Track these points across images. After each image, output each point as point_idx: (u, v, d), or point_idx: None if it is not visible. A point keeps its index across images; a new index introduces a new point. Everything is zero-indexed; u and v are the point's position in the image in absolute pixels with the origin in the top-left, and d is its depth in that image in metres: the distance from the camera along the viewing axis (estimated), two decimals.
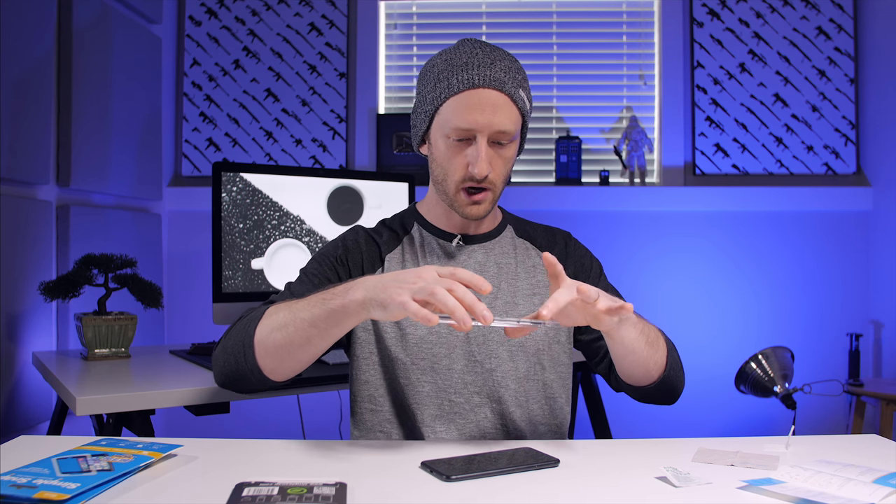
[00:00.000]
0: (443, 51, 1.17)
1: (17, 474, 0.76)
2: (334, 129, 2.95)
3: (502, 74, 1.11)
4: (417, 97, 1.19)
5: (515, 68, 1.14)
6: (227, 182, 1.84)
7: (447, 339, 1.15)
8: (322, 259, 1.21)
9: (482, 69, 1.10)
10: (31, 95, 2.05)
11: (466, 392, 1.14)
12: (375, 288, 0.90)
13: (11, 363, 1.95)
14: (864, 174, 2.88)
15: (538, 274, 1.24)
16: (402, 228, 1.26)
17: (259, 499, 0.72)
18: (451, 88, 1.11)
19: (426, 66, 1.17)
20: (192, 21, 2.96)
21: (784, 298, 2.84)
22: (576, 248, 1.30)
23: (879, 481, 0.80)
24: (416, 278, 0.88)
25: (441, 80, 1.12)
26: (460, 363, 1.15)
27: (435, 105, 1.13)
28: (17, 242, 1.97)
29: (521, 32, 3.00)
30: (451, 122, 1.11)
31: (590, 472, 0.88)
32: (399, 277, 0.90)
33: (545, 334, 1.20)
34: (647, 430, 2.78)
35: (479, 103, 1.10)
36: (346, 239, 1.24)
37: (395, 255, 1.22)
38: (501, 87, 1.10)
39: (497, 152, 1.13)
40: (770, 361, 2.50)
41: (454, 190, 1.15)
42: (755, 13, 2.91)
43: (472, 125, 1.10)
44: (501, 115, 1.10)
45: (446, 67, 1.12)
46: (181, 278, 2.87)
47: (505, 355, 1.17)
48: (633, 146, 2.88)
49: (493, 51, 1.14)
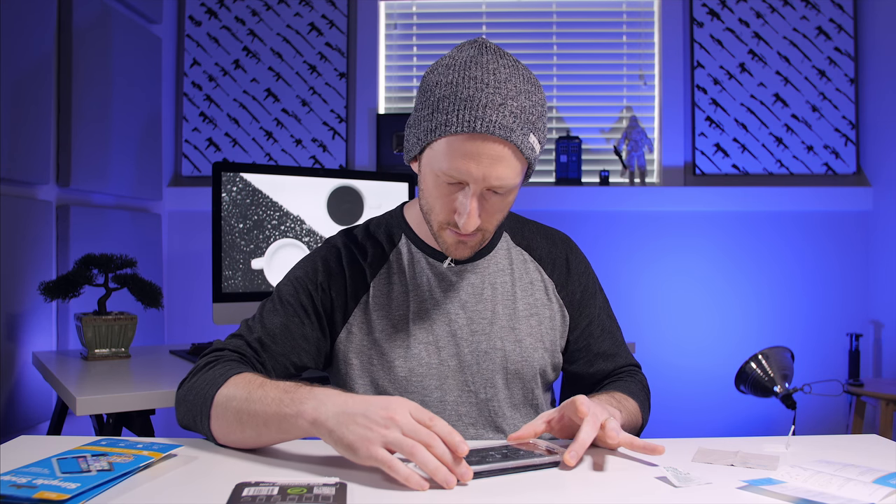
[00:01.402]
0: (451, 61, 0.98)
1: (17, 474, 0.76)
2: (334, 129, 2.95)
3: (511, 119, 0.94)
4: (414, 112, 1.03)
5: (530, 105, 0.97)
6: (227, 182, 1.84)
7: (438, 370, 1.10)
8: (299, 285, 1.11)
9: (488, 111, 0.93)
10: (31, 95, 2.05)
11: (461, 424, 1.11)
12: (339, 420, 0.82)
13: (11, 363, 1.95)
14: (864, 174, 2.88)
15: (536, 291, 1.17)
16: (388, 241, 1.15)
17: (259, 499, 0.72)
18: (448, 126, 0.95)
19: (430, 76, 1.00)
20: (192, 21, 2.96)
21: (784, 298, 2.84)
22: (577, 263, 1.21)
23: (879, 481, 0.80)
24: (387, 420, 0.80)
25: (439, 111, 0.96)
26: (453, 394, 1.11)
27: (428, 138, 0.98)
28: (17, 242, 1.97)
29: (521, 32, 3.00)
30: (442, 165, 0.97)
31: (590, 472, 0.88)
32: (369, 413, 0.82)
33: (541, 358, 1.15)
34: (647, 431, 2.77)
35: (476, 152, 0.94)
36: (328, 261, 1.13)
37: (382, 279, 1.13)
38: (508, 135, 0.94)
39: (491, 199, 1.00)
40: (770, 361, 2.50)
41: (438, 227, 1.05)
42: (755, 13, 2.91)
43: (464, 176, 0.96)
44: (501, 168, 0.96)
45: (449, 95, 0.95)
46: (181, 278, 2.87)
47: (501, 383, 1.12)
48: (633, 146, 2.88)
49: (507, 81, 0.95)
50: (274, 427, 0.89)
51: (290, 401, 0.88)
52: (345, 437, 0.82)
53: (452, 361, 1.11)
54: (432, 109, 0.97)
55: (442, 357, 1.11)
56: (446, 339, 1.11)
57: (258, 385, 0.93)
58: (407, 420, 0.81)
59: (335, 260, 1.13)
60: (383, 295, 1.12)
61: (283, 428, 0.88)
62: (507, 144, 0.95)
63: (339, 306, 1.12)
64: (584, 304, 1.20)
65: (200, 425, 0.97)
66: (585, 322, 1.20)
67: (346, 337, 1.12)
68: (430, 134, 0.97)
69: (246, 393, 0.92)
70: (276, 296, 1.12)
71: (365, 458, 0.81)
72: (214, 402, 0.94)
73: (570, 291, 1.19)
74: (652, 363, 1.23)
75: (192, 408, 0.98)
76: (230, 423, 0.92)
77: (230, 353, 1.05)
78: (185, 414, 1.00)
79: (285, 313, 1.09)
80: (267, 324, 1.08)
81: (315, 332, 1.10)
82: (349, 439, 0.82)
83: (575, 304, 1.19)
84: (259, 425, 0.90)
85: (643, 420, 1.16)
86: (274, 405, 0.89)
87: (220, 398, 0.94)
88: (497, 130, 0.94)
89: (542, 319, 1.16)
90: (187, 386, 1.01)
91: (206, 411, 0.95)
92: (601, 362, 1.20)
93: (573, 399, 0.92)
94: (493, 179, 0.96)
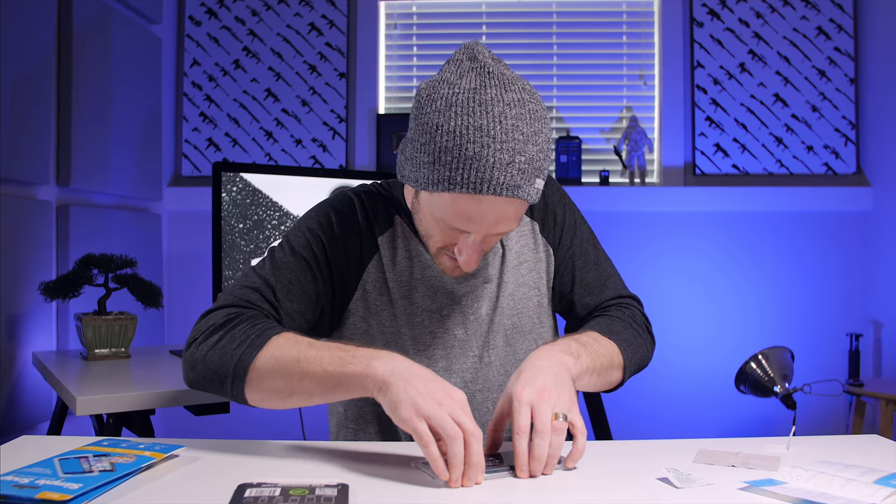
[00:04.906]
0: (452, 95, 0.90)
1: (19, 474, 0.76)
2: (334, 129, 2.95)
3: (520, 177, 0.89)
4: (411, 142, 0.95)
5: (537, 152, 0.91)
6: (227, 182, 1.84)
7: (443, 339, 1.10)
8: (312, 236, 1.07)
9: (496, 171, 0.88)
10: (31, 95, 2.04)
11: (467, 391, 1.10)
12: (401, 377, 0.83)
13: (11, 363, 1.95)
14: (864, 174, 2.89)
15: (523, 237, 1.15)
16: (393, 204, 1.13)
17: (261, 500, 0.72)
18: (452, 184, 0.89)
19: (429, 112, 0.91)
20: (192, 21, 2.96)
21: (784, 298, 2.84)
22: (552, 195, 1.18)
23: (881, 482, 0.80)
24: (444, 397, 0.82)
25: (441, 164, 0.89)
26: (458, 362, 1.11)
27: (430, 188, 0.92)
28: (17, 242, 1.97)
29: (521, 32, 3.00)
30: (444, 215, 0.94)
31: (590, 473, 0.88)
32: (430, 383, 0.83)
33: (537, 306, 1.15)
34: (648, 431, 2.78)
35: (481, 212, 0.91)
36: (341, 212, 1.08)
37: (387, 237, 1.10)
38: (515, 193, 0.90)
39: (492, 238, 0.99)
40: (770, 361, 2.51)
41: (436, 251, 1.03)
42: (755, 13, 2.91)
43: (467, 229, 0.94)
44: (506, 220, 0.94)
45: (452, 148, 0.88)
46: (181, 278, 2.87)
47: (501, 343, 1.13)
48: (633, 146, 2.88)
49: (514, 129, 0.88)
50: (333, 386, 0.88)
51: (353, 359, 0.87)
52: (397, 393, 0.82)
53: (458, 330, 1.11)
54: (434, 159, 0.90)
55: (446, 325, 1.10)
56: (450, 307, 1.11)
57: (307, 345, 0.91)
58: (459, 410, 0.81)
59: (348, 210, 1.10)
60: (388, 256, 1.10)
61: (346, 386, 0.88)
62: (513, 200, 0.92)
63: (354, 261, 1.09)
64: (564, 236, 1.17)
65: (229, 388, 0.93)
66: (567, 253, 1.17)
67: (362, 295, 1.10)
68: (433, 185, 0.92)
69: (296, 353, 0.90)
70: (288, 246, 1.07)
71: (404, 419, 0.81)
72: (255, 364, 0.91)
73: (549, 226, 1.17)
74: (652, 363, 1.21)
75: (219, 370, 0.93)
76: (277, 387, 0.91)
77: (251, 310, 1.00)
78: (203, 375, 0.96)
79: (298, 266, 1.05)
80: (282, 278, 1.04)
81: (327, 287, 1.07)
82: (399, 397, 0.82)
83: (556, 237, 1.17)
84: (315, 386, 0.89)
85: (627, 359, 1.05)
86: (335, 364, 0.88)
87: (265, 360, 0.91)
88: (504, 192, 0.90)
89: (532, 265, 1.15)
90: (207, 345, 0.96)
91: (242, 374, 0.92)
92: (586, 296, 1.16)
93: (501, 404, 0.90)
94: (496, 229, 0.95)
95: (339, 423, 1.17)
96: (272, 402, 0.93)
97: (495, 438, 0.91)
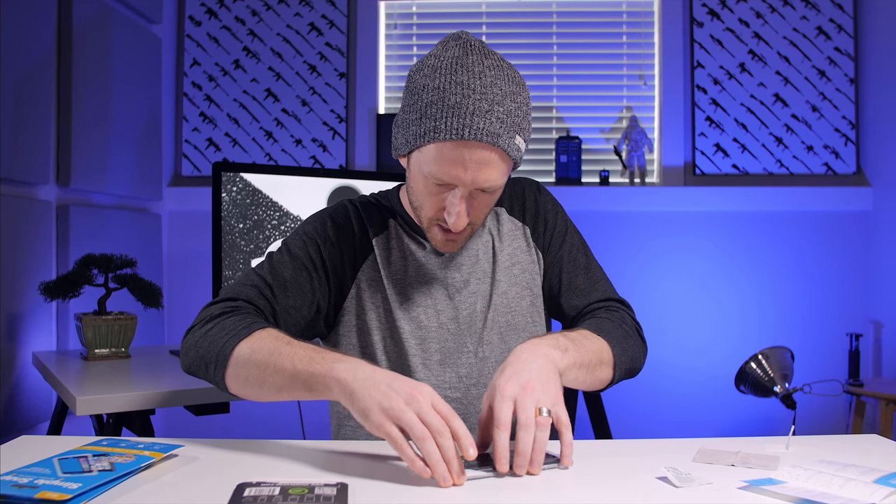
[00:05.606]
0: (437, 62, 0.99)
1: (18, 474, 0.76)
2: (334, 129, 2.95)
3: (498, 125, 0.96)
4: (402, 112, 1.04)
5: (516, 108, 0.99)
6: (227, 182, 1.84)
7: (437, 333, 1.12)
8: (308, 239, 1.12)
9: (475, 118, 0.95)
10: (31, 95, 2.05)
11: (462, 386, 1.12)
12: (364, 385, 0.84)
13: (11, 363, 1.95)
14: (864, 174, 2.89)
15: (516, 240, 1.19)
16: (389, 212, 1.18)
17: (260, 499, 0.72)
18: (436, 133, 0.97)
19: (416, 77, 1.01)
20: (192, 21, 2.96)
21: (784, 298, 2.84)
22: (544, 202, 1.23)
23: (880, 481, 0.80)
24: (409, 397, 0.82)
25: (427, 117, 0.97)
26: (453, 357, 1.12)
27: (416, 143, 1.00)
28: (17, 242, 1.97)
29: (521, 32, 3.00)
30: (431, 169, 1.00)
31: (590, 472, 0.88)
32: (394, 384, 0.84)
33: (530, 305, 1.18)
34: (647, 431, 2.78)
35: (464, 158, 0.97)
36: (336, 218, 1.14)
37: (382, 239, 1.15)
38: (495, 140, 0.97)
39: (479, 198, 1.03)
40: (770, 361, 2.51)
41: (427, 224, 1.08)
42: (755, 13, 2.91)
43: (453, 180, 0.99)
44: (488, 170, 0.99)
45: (436, 101, 0.97)
46: (181, 278, 2.87)
47: (496, 339, 1.14)
48: (633, 146, 2.88)
49: (493, 85, 0.97)
50: (299, 384, 0.91)
51: (322, 360, 0.90)
52: (364, 401, 0.83)
53: (452, 325, 1.13)
54: (420, 114, 0.99)
55: (441, 321, 1.13)
56: (444, 303, 1.13)
57: (286, 342, 0.95)
58: (427, 405, 0.82)
59: (343, 217, 1.15)
60: (383, 257, 1.14)
61: (309, 385, 0.90)
62: (494, 149, 0.98)
63: (349, 262, 1.13)
64: (553, 241, 1.21)
65: (212, 374, 0.98)
66: (555, 257, 1.20)
67: (356, 293, 1.14)
68: (419, 139, 0.99)
69: (273, 347, 0.94)
70: (286, 249, 1.13)
71: (376, 426, 0.82)
72: (235, 352, 0.96)
73: (539, 231, 1.21)
74: (652, 363, 1.21)
75: (206, 355, 0.99)
76: (250, 376, 0.94)
77: (246, 305, 1.05)
78: (193, 361, 1.01)
79: (294, 266, 1.10)
80: (279, 276, 1.09)
81: (323, 286, 1.11)
82: (367, 404, 0.83)
83: (546, 242, 1.21)
84: (284, 380, 0.91)
85: (617, 356, 1.05)
86: (304, 363, 0.90)
87: (244, 350, 0.95)
88: (485, 137, 0.96)
89: (525, 266, 1.19)
90: (200, 332, 1.02)
91: (224, 361, 0.96)
92: (574, 298, 1.18)
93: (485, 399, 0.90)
94: (481, 182, 0.99)
95: (339, 422, 1.17)
96: (247, 392, 0.97)
97: (485, 437, 0.90)
